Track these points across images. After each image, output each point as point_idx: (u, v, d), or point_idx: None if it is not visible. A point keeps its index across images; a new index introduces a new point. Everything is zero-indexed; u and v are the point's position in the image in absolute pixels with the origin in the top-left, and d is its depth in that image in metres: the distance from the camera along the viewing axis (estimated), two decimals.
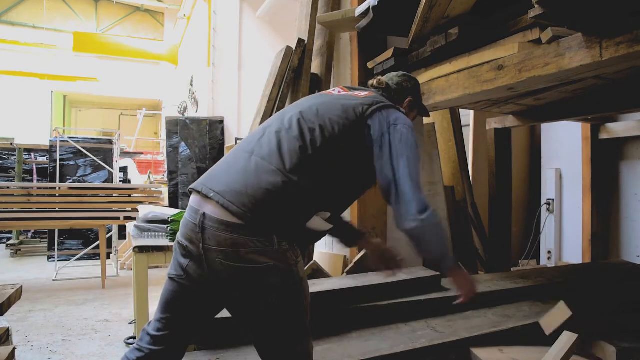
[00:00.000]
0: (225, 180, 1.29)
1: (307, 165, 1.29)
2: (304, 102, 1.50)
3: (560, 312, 1.74)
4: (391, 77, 1.72)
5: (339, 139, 1.35)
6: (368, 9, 2.07)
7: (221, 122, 6.49)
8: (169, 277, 1.35)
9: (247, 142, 1.41)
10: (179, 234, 1.33)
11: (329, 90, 1.65)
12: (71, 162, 7.00)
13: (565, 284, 2.40)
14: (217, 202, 1.23)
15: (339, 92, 1.59)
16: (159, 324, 1.35)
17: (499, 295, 2.13)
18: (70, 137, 6.96)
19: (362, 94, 1.54)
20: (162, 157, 10.24)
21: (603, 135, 3.42)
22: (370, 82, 1.73)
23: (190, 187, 1.37)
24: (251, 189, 1.23)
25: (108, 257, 6.06)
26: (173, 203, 6.00)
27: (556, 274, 2.54)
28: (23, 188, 5.65)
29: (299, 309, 1.29)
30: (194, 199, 1.33)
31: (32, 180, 7.96)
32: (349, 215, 2.38)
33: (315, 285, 1.69)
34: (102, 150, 7.15)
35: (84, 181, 7.00)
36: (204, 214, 1.24)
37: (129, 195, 5.70)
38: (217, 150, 6.31)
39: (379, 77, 1.72)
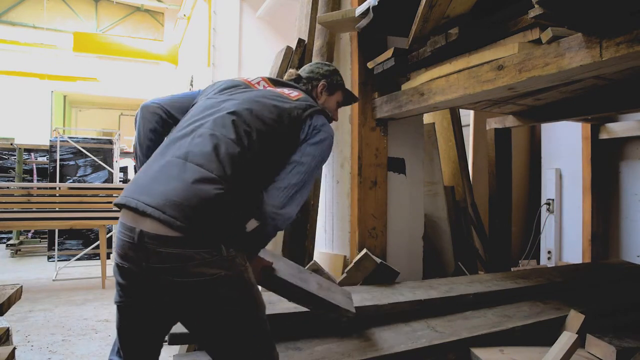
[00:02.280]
0: (161, 192, 1.16)
1: (246, 169, 1.25)
2: (231, 97, 1.41)
3: (573, 318, 1.90)
4: (304, 68, 1.76)
5: (273, 143, 1.34)
6: (368, 9, 2.07)
7: None
8: (116, 305, 1.27)
9: (177, 146, 1.28)
10: (115, 257, 1.22)
11: (248, 79, 1.54)
12: (71, 162, 7.01)
13: (565, 284, 2.40)
14: (156, 218, 1.12)
15: (265, 86, 1.53)
16: (122, 353, 1.31)
17: (499, 295, 2.13)
18: (70, 137, 6.97)
19: (293, 94, 1.50)
20: None
21: (603, 135, 3.42)
22: (285, 76, 1.72)
23: (117, 202, 1.23)
24: (193, 200, 1.14)
25: (108, 257, 6.05)
26: None
27: (556, 274, 2.54)
28: (23, 188, 5.65)
29: (256, 317, 1.24)
30: (125, 215, 1.20)
31: (32, 180, 7.97)
32: (349, 215, 2.38)
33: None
34: (102, 150, 7.16)
35: (84, 181, 7.00)
36: (141, 231, 1.13)
37: None
38: None
39: (290, 70, 1.73)
